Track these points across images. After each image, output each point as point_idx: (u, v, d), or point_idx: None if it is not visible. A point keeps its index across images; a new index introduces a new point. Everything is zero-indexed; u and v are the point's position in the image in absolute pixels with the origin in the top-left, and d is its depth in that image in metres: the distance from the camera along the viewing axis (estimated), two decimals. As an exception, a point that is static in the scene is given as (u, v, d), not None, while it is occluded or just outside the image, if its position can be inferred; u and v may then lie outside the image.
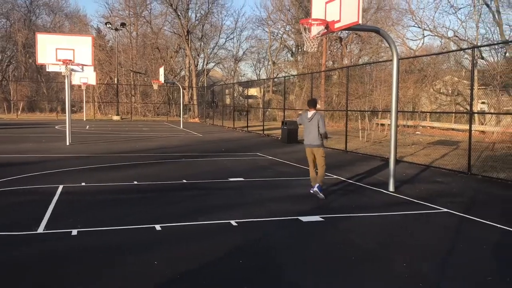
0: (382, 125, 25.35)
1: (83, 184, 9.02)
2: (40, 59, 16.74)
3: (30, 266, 4.60)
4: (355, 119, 24.27)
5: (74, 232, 5.73)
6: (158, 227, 6.01)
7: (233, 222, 6.30)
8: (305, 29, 8.95)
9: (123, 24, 42.44)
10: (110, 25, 42.22)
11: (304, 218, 6.59)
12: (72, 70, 17.28)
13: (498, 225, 6.40)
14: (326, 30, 8.61)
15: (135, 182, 9.31)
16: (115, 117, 39.58)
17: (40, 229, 5.82)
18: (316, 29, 8.71)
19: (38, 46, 16.56)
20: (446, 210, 7.33)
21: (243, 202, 7.73)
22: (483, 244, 5.56)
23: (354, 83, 27.27)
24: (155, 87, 33.93)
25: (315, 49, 8.87)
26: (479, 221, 6.63)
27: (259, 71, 55.40)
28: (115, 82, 43.34)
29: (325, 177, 10.34)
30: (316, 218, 6.64)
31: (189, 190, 8.71)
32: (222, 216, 6.62)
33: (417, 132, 24.39)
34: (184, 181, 9.59)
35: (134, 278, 4.33)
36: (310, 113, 8.50)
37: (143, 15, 49.77)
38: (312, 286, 4.22)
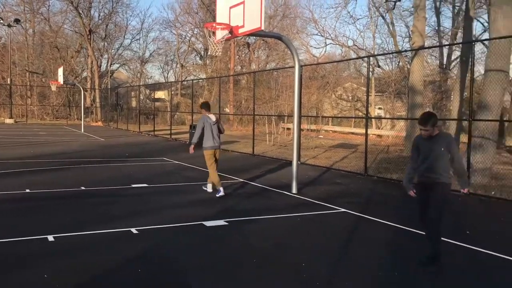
0: (288, 129, 26.13)
1: (-35, 193, 8.16)
2: None
3: None
4: (263, 123, 24.75)
5: (-50, 247, 5.14)
6: (51, 237, 5.58)
7: (133, 230, 6.05)
8: (210, 32, 8.92)
9: (17, 20, 39.40)
10: (1, 21, 39.00)
11: (208, 223, 6.52)
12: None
13: (391, 223, 6.83)
14: (230, 35, 8.65)
15: (28, 190, 8.62)
16: (8, 120, 36.61)
17: None
18: (220, 33, 8.71)
19: None
20: (344, 210, 7.68)
21: (145, 209, 7.48)
22: (377, 241, 5.90)
23: (262, 88, 27.84)
24: (53, 88, 31.90)
25: (220, 53, 8.87)
26: (373, 220, 7.03)
27: (167, 74, 54.57)
28: (8, 82, 40.08)
29: (232, 180, 10.42)
30: (220, 222, 6.60)
31: (87, 198, 8.25)
32: (122, 224, 6.33)
33: (320, 136, 25.46)
34: (83, 188, 9.07)
35: (19, 296, 3.96)
36: (213, 117, 8.75)
37: (40, 12, 46.65)
38: (213, 292, 4.17)
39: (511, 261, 5.17)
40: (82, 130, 28.07)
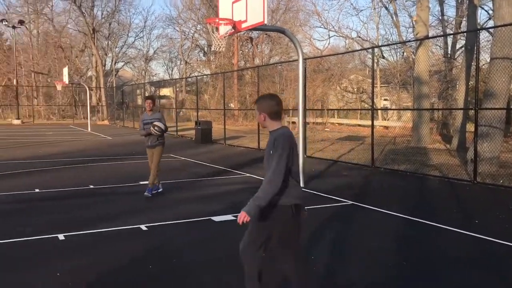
0: (294, 123, 26.11)
1: (-25, 195, 8.25)
2: None
3: None
4: (268, 118, 24.68)
5: (-37, 248, 5.21)
6: (61, 236, 5.64)
7: (142, 227, 6.10)
8: (213, 28, 8.93)
9: (21, 22, 39.55)
10: (6, 23, 39.15)
11: (217, 218, 6.56)
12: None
13: (399, 214, 6.82)
14: (233, 30, 8.65)
15: (37, 190, 8.70)
16: (15, 121, 36.83)
17: None
18: (223, 29, 8.72)
19: None
20: (351, 202, 7.69)
21: (154, 205, 7.53)
22: (386, 233, 5.90)
23: (266, 82, 27.83)
24: (59, 88, 32.05)
25: (224, 48, 8.88)
26: (381, 211, 7.03)
27: (172, 71, 54.63)
28: (14, 83, 40.31)
29: (238, 175, 10.43)
30: (229, 217, 6.64)
31: (96, 196, 8.31)
32: (131, 221, 6.38)
33: (326, 129, 25.43)
34: (91, 186, 9.14)
35: (32, 294, 4.02)
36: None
37: (44, 12, 46.78)
38: (223, 286, 4.21)
39: (521, 249, 5.16)
40: (89, 129, 28.20)
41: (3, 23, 39.50)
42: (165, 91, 49.28)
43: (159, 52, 52.11)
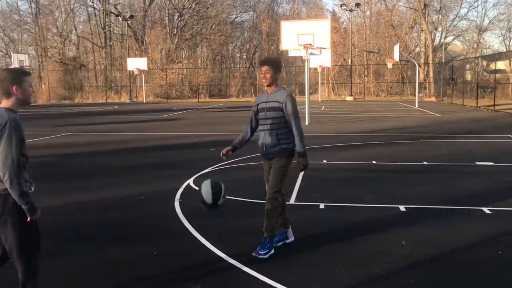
0: None
1: (324, 161, 9.51)
2: (284, 45, 18.13)
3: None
4: None
5: (322, 206, 6.12)
6: (402, 207, 5.91)
7: (485, 210, 5.75)
8: None
9: (357, 4, 42.60)
10: (345, 7, 42.91)
11: None
12: (312, 54, 18.21)
13: None
14: None
15: (374, 162, 9.34)
16: (348, 98, 40.33)
17: (292, 201, 6.41)
18: None
19: (282, 33, 17.94)
20: None
21: (494, 188, 6.97)
22: None
23: None
24: (390, 65, 33.16)
25: None
26: None
27: (509, 42, 48.62)
28: (349, 63, 44.06)
29: None
30: None
31: (430, 173, 8.32)
32: (470, 202, 6.11)
33: None
34: (425, 162, 9.17)
35: (382, 256, 4.37)
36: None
37: (378, -7, 48.93)
38: None
39: None
40: (416, 106, 28.25)
41: (342, 7, 43.45)
42: (500, 65, 44.33)
43: (495, 21, 47.08)
